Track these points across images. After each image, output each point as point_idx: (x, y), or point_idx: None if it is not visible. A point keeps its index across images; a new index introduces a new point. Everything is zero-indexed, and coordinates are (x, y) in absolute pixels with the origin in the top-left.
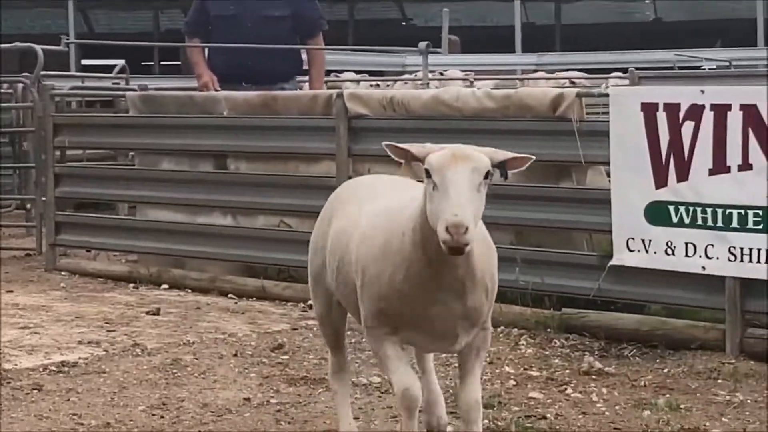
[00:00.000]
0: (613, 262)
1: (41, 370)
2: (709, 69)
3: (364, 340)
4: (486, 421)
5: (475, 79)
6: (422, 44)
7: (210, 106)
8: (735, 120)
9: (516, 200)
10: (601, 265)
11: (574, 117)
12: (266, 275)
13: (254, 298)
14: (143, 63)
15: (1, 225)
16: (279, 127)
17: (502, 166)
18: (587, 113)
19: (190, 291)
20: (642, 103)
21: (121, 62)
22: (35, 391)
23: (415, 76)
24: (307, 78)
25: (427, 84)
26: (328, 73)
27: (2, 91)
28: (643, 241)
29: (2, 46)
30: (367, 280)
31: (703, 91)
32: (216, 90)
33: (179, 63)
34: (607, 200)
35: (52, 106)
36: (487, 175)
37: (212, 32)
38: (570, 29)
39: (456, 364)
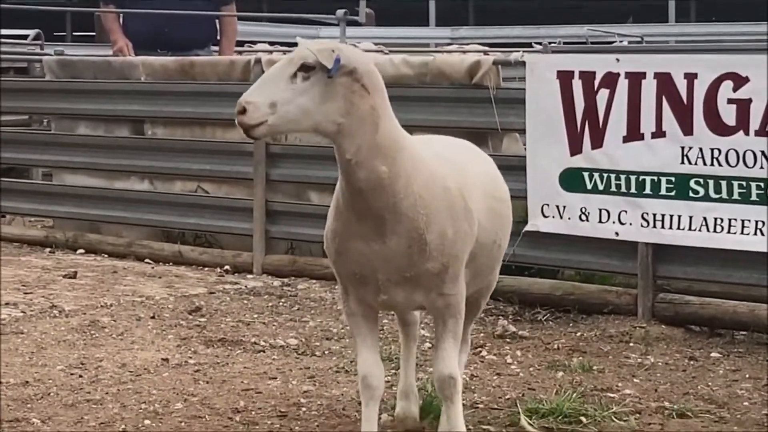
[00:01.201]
0: (528, 227)
1: None
2: (621, 44)
3: (281, 303)
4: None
5: (390, 52)
6: (340, 12)
7: (127, 72)
8: (649, 88)
9: None
10: (516, 230)
11: (490, 84)
12: (183, 240)
13: (171, 263)
14: (56, 33)
15: None
16: (196, 93)
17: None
18: (503, 82)
19: (106, 256)
20: (558, 71)
21: (35, 30)
22: None
23: None
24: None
25: None
26: (242, 44)
27: None
28: (557, 207)
29: None
30: None
31: (618, 60)
32: (131, 56)
33: (92, 33)
34: (523, 167)
35: None
36: (304, 68)
37: None
38: (483, 4)
39: None
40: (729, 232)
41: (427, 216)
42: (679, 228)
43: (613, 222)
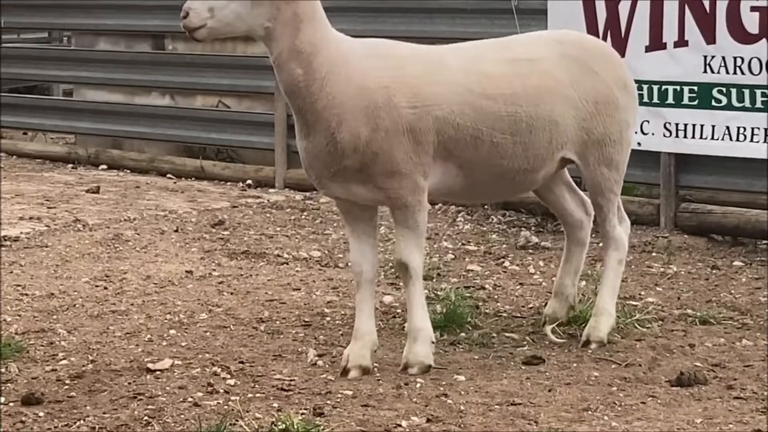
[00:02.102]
0: None
1: None
2: None
3: (303, 216)
4: (426, 291)
5: None
6: None
7: None
8: None
9: None
10: None
11: None
12: (205, 155)
13: (193, 178)
14: None
15: None
16: None
17: None
18: None
19: (128, 171)
20: None
21: None
22: None
23: None
24: None
25: None
26: None
27: None
28: None
29: None
30: None
31: None
32: None
33: None
34: None
35: None
36: None
37: None
38: None
39: None
40: (752, 140)
41: (338, 116)
42: (701, 137)
43: (636, 132)
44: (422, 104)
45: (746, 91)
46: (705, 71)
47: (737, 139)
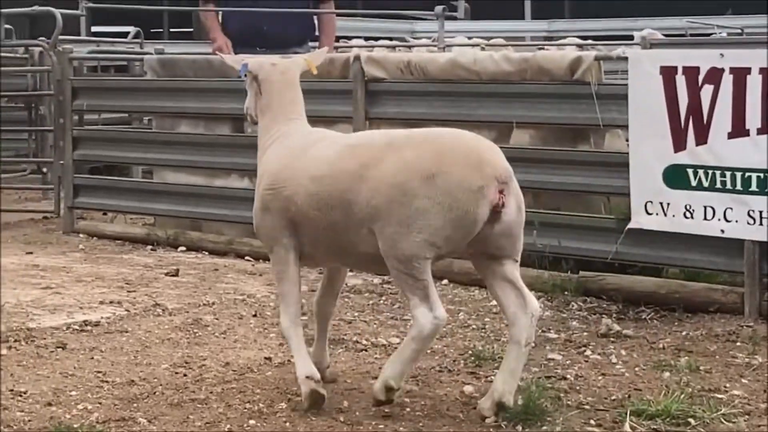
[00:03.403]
0: (631, 225)
1: (65, 328)
2: (721, 36)
3: (382, 301)
4: None
5: (487, 46)
6: (438, 8)
7: (227, 70)
8: (754, 83)
9: (534, 163)
10: (619, 228)
11: (592, 80)
12: None
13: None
14: (152, 30)
15: (18, 188)
16: None
17: None
18: (605, 77)
19: (207, 253)
20: (661, 67)
21: (135, 28)
22: (59, 349)
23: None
24: (317, 44)
25: (444, 49)
26: (337, 39)
27: (17, 55)
28: (661, 204)
29: (17, 9)
30: None
31: (722, 55)
32: (230, 54)
33: (189, 30)
34: (626, 163)
35: (71, 70)
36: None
37: None
38: None
39: None
40: None
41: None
42: None
43: (719, 219)
44: (265, 192)
45: None
46: None
47: None
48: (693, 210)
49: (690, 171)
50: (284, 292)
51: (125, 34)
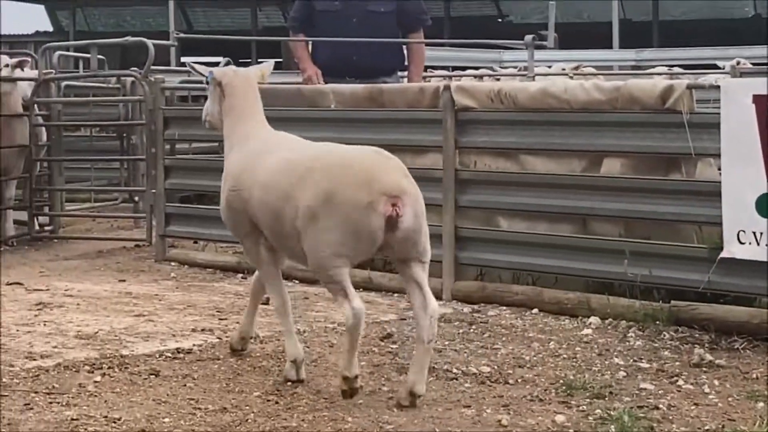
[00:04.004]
0: (724, 254)
1: (158, 356)
2: None
3: (472, 329)
4: (599, 410)
5: (575, 74)
6: (528, 38)
7: (317, 99)
8: None
9: (625, 192)
10: (711, 257)
11: (684, 109)
12: (373, 266)
13: (361, 289)
14: (241, 60)
15: (110, 216)
16: (386, 120)
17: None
18: (696, 105)
19: (297, 282)
20: (754, 95)
21: (224, 59)
22: (153, 376)
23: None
24: (406, 73)
25: (533, 78)
26: (425, 69)
27: (110, 85)
28: (754, 233)
29: (111, 40)
30: None
31: None
32: (320, 84)
33: (278, 60)
34: (717, 192)
35: (163, 99)
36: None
37: (317, 27)
38: (667, 25)
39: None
40: None
41: None
42: None
43: None
44: (237, 189)
45: None
46: None
47: None
48: None
49: None
50: (265, 276)
51: (214, 65)
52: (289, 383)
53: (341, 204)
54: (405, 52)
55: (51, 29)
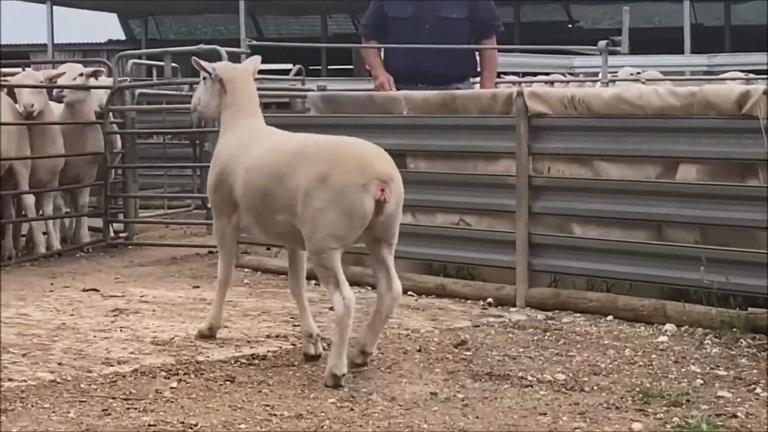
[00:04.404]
0: None
1: (233, 362)
2: None
3: (546, 336)
4: (676, 419)
5: (647, 81)
6: (602, 43)
7: (390, 106)
8: None
9: (701, 198)
10: None
11: (760, 114)
12: (445, 273)
13: (434, 296)
14: (311, 67)
15: (183, 223)
16: (459, 126)
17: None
18: None
19: (369, 288)
20: None
21: (295, 66)
22: (228, 382)
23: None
24: (479, 80)
25: (607, 83)
26: (498, 75)
27: (182, 93)
28: None
29: (184, 48)
30: None
31: None
32: (392, 90)
33: (347, 66)
34: None
35: None
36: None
37: (389, 33)
38: (739, 30)
39: None
40: None
41: None
42: None
43: None
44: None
45: None
46: None
47: None
48: None
49: None
50: (225, 252)
51: (285, 71)
52: (365, 392)
53: (337, 185)
54: (477, 58)
55: (123, 38)
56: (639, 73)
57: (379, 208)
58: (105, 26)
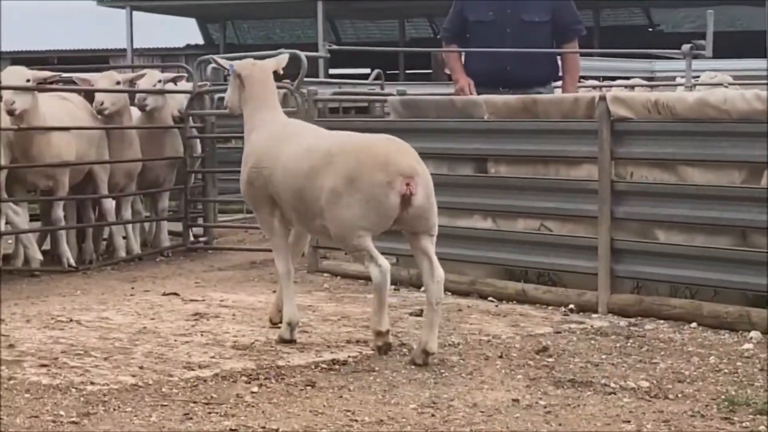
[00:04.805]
0: None
1: (313, 367)
2: None
3: (629, 343)
4: (762, 427)
5: (730, 84)
6: (685, 47)
7: (470, 110)
8: None
9: None
10: None
11: None
12: (526, 279)
13: (514, 302)
14: (388, 71)
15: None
16: (540, 131)
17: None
18: None
19: (450, 294)
20: None
21: (374, 70)
22: (309, 387)
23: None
24: (560, 83)
25: (692, 87)
26: (579, 79)
27: None
28: None
29: (263, 53)
30: None
31: None
32: (473, 94)
33: (425, 71)
34: None
35: (315, 111)
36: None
37: (470, 37)
38: None
39: None
40: None
41: None
42: None
43: None
44: (259, 167)
45: None
46: None
47: None
48: None
49: None
50: (275, 246)
51: (362, 76)
52: (446, 399)
53: (363, 183)
54: (558, 62)
55: (202, 42)
56: (716, 76)
57: (406, 202)
58: (184, 31)
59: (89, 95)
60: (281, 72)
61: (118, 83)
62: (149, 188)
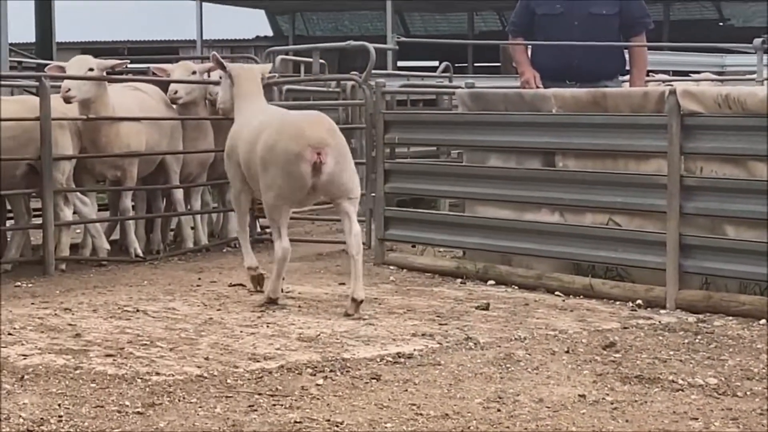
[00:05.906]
0: None
1: (378, 360)
2: None
3: (697, 339)
4: None
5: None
6: (757, 41)
7: (538, 104)
8: None
9: None
10: None
11: None
12: (594, 273)
13: (581, 296)
14: (456, 64)
15: (329, 219)
16: (609, 125)
17: None
18: None
19: (516, 288)
20: None
21: (442, 63)
22: (374, 380)
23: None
24: (628, 77)
25: (763, 82)
26: (647, 73)
27: (330, 89)
28: None
29: (332, 44)
30: None
31: None
32: (539, 88)
33: (493, 64)
34: None
35: (383, 103)
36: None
37: (537, 31)
38: None
39: None
40: None
41: None
42: None
43: None
44: (231, 145)
45: None
46: None
47: None
48: None
49: None
50: (238, 212)
51: (430, 68)
52: (512, 393)
53: (279, 153)
54: (626, 55)
55: (271, 34)
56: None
57: (316, 171)
58: (253, 22)
59: (164, 85)
60: (266, 77)
61: (193, 73)
62: (218, 179)
